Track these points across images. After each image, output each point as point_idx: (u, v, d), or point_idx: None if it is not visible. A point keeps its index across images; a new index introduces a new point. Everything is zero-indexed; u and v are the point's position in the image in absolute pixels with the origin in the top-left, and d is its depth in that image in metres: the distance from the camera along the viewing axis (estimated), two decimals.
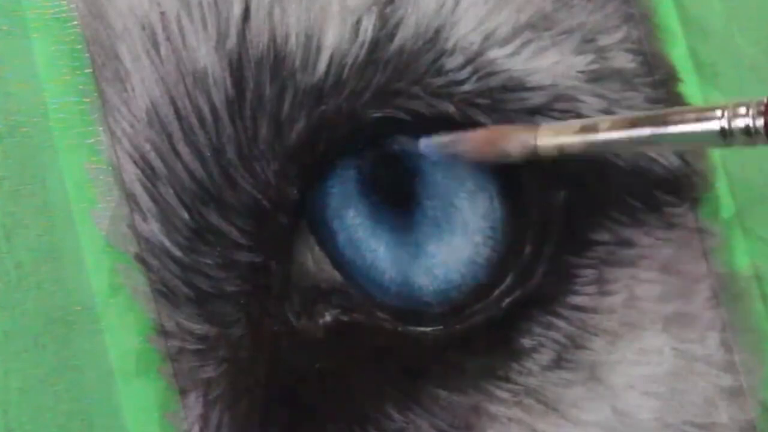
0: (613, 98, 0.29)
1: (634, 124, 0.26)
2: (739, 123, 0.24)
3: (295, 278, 0.30)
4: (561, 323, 0.30)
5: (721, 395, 0.30)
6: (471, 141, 0.28)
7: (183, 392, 0.29)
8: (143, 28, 0.28)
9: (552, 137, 0.27)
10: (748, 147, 0.24)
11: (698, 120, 0.25)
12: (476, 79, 0.29)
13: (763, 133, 0.24)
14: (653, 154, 0.30)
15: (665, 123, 0.25)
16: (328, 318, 0.30)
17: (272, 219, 0.29)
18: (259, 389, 0.29)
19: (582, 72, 0.29)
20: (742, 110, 0.24)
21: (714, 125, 0.24)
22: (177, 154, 0.28)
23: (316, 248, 0.30)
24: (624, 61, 0.30)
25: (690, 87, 0.30)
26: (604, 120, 0.26)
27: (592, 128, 0.26)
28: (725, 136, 0.24)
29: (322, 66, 0.28)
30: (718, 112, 0.24)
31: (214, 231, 0.28)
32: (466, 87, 0.29)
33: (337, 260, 0.30)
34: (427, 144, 0.29)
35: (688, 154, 0.30)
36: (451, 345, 0.30)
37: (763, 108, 0.24)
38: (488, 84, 0.29)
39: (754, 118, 0.24)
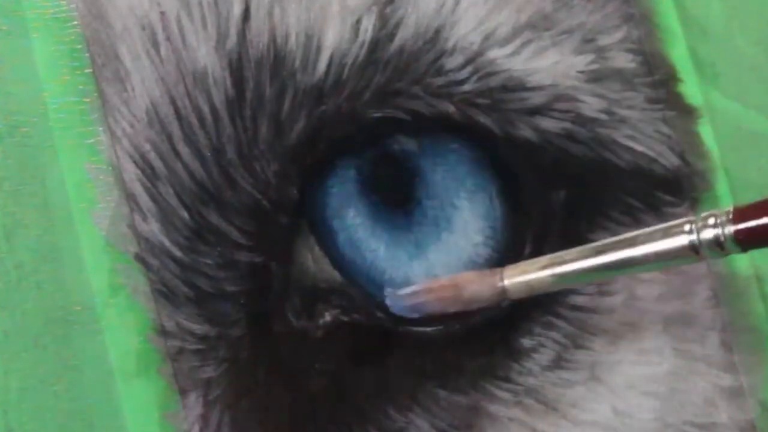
0: (613, 98, 0.29)
1: (600, 251, 0.26)
2: (708, 234, 0.24)
3: (295, 278, 0.30)
4: (561, 323, 0.30)
5: (721, 395, 0.30)
6: (437, 291, 0.28)
7: (183, 392, 0.29)
8: (143, 28, 0.28)
9: (519, 276, 0.27)
10: (720, 257, 0.24)
11: (666, 236, 0.25)
12: (476, 79, 0.29)
13: (734, 241, 0.24)
14: (652, 154, 0.30)
15: (632, 245, 0.25)
16: (328, 318, 0.30)
17: (272, 219, 0.29)
18: (259, 389, 0.29)
19: (582, 72, 0.29)
20: (711, 221, 0.24)
21: (682, 240, 0.24)
22: (177, 154, 0.28)
23: (316, 248, 0.30)
24: (624, 61, 0.30)
25: (690, 87, 0.30)
26: (570, 252, 0.26)
27: (559, 262, 0.26)
28: (696, 250, 0.24)
29: (322, 66, 0.28)
30: (686, 227, 0.24)
31: (214, 231, 0.28)
32: (466, 87, 0.29)
33: (337, 260, 0.30)
34: (392, 295, 0.29)
35: (688, 154, 0.30)
36: (451, 345, 0.30)
37: (731, 216, 0.24)
38: (488, 84, 0.29)
39: (723, 227, 0.24)
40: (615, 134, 0.29)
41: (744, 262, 0.30)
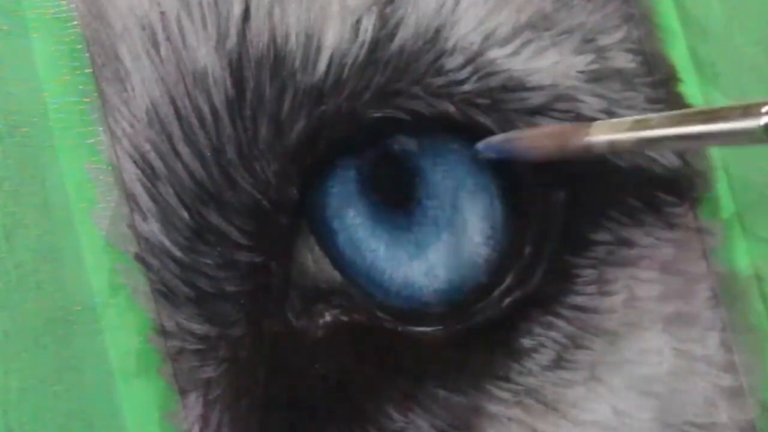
0: (613, 98, 0.29)
1: (683, 120, 0.26)
2: None
3: (295, 278, 0.30)
4: (561, 323, 0.30)
5: (721, 395, 0.30)
6: (528, 138, 0.28)
7: (183, 392, 0.29)
8: (143, 28, 0.28)
9: (605, 134, 0.27)
10: None
11: (744, 116, 0.25)
12: (476, 79, 0.29)
13: None
14: (653, 154, 0.30)
15: (711, 120, 0.25)
16: (328, 318, 0.30)
17: (272, 219, 0.29)
18: (259, 389, 0.29)
19: (582, 72, 0.29)
20: None
21: (759, 121, 0.24)
22: (177, 154, 0.28)
23: (316, 248, 0.30)
24: (624, 61, 0.30)
25: (690, 87, 0.30)
26: (654, 118, 0.26)
27: (644, 124, 0.26)
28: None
29: (322, 66, 0.28)
30: (764, 108, 0.24)
31: (214, 231, 0.28)
32: (466, 87, 0.29)
33: (337, 260, 0.30)
34: (486, 144, 0.29)
35: (689, 154, 0.30)
36: (451, 345, 0.30)
37: None
38: (488, 84, 0.29)
39: None
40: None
41: (744, 262, 0.30)
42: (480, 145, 0.29)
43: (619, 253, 0.30)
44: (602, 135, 0.27)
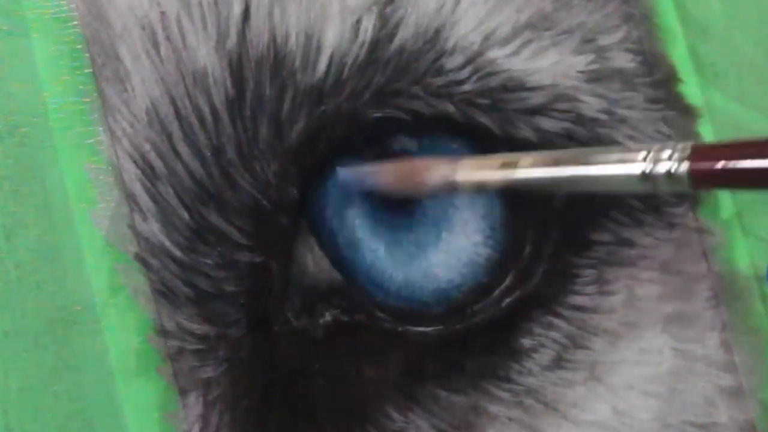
0: (613, 98, 0.29)
1: (556, 162, 0.25)
2: (661, 168, 0.23)
3: (295, 278, 0.30)
4: (561, 323, 0.30)
5: (721, 395, 0.30)
6: (390, 172, 0.28)
7: (183, 392, 0.29)
8: (143, 28, 0.28)
9: (472, 172, 0.27)
10: (668, 191, 0.24)
11: (620, 161, 0.24)
12: (476, 79, 0.29)
13: (686, 179, 0.23)
14: None
15: (586, 163, 0.25)
16: (328, 318, 0.30)
17: (272, 219, 0.29)
18: (259, 389, 0.29)
19: (582, 72, 0.29)
20: (666, 153, 0.23)
21: (635, 168, 0.24)
22: (177, 154, 0.28)
23: (316, 248, 0.30)
24: (624, 61, 0.30)
25: (690, 87, 0.30)
26: (526, 156, 0.26)
27: (512, 164, 0.26)
28: (645, 179, 0.23)
29: (322, 66, 0.28)
30: (642, 154, 0.24)
31: (214, 231, 0.28)
32: (466, 87, 0.29)
33: (337, 260, 0.30)
34: (345, 173, 0.29)
35: None
36: (451, 345, 0.30)
37: (688, 152, 0.23)
38: (488, 84, 0.29)
39: (678, 163, 0.23)
40: (615, 134, 0.29)
41: (744, 262, 0.30)
42: (340, 173, 0.29)
43: (619, 253, 0.30)
44: (470, 173, 0.27)
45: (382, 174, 0.28)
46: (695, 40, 0.30)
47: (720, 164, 0.22)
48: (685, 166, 0.23)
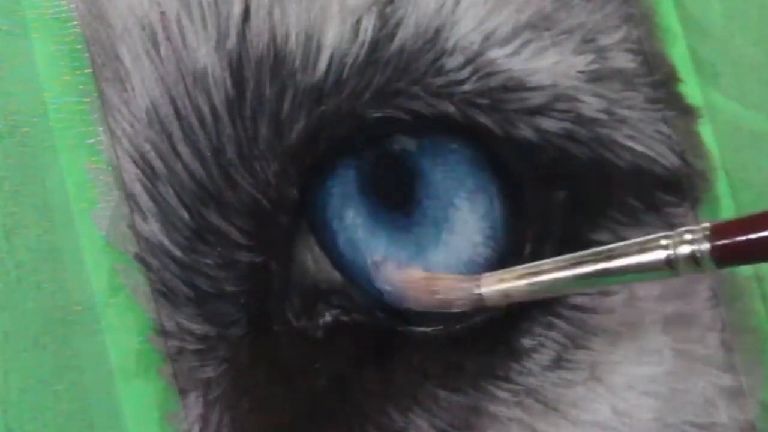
0: (613, 98, 0.29)
1: (578, 263, 0.26)
2: (685, 250, 0.24)
3: (295, 278, 0.30)
4: (561, 323, 0.30)
5: (721, 395, 0.30)
6: (414, 287, 0.29)
7: (183, 392, 0.29)
8: (143, 28, 0.28)
9: (496, 285, 0.27)
10: (697, 273, 0.24)
11: (642, 251, 0.25)
12: (476, 79, 0.29)
13: (710, 258, 0.24)
14: (652, 154, 0.30)
15: (609, 258, 0.25)
16: (328, 318, 0.30)
17: (272, 219, 0.29)
18: (259, 389, 0.29)
19: (582, 72, 0.29)
20: (688, 237, 0.24)
21: (659, 255, 0.24)
22: (177, 154, 0.28)
23: (316, 248, 0.30)
24: (624, 61, 0.30)
25: (690, 87, 0.30)
26: (547, 262, 0.27)
27: (535, 272, 0.27)
28: (672, 265, 0.24)
29: (322, 66, 0.28)
30: (663, 241, 0.24)
31: (214, 231, 0.28)
32: (466, 87, 0.29)
33: (337, 260, 0.30)
34: (378, 270, 0.29)
35: (688, 154, 0.30)
36: (451, 345, 0.30)
37: (708, 233, 0.24)
38: (488, 84, 0.29)
39: (699, 244, 0.24)
40: (615, 134, 0.29)
41: None
42: (372, 267, 0.29)
43: None
44: (494, 286, 0.27)
45: (407, 289, 0.29)
46: (695, 40, 0.30)
47: (740, 239, 0.23)
48: (706, 246, 0.24)
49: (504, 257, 0.30)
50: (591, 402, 0.29)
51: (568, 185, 0.30)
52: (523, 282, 0.27)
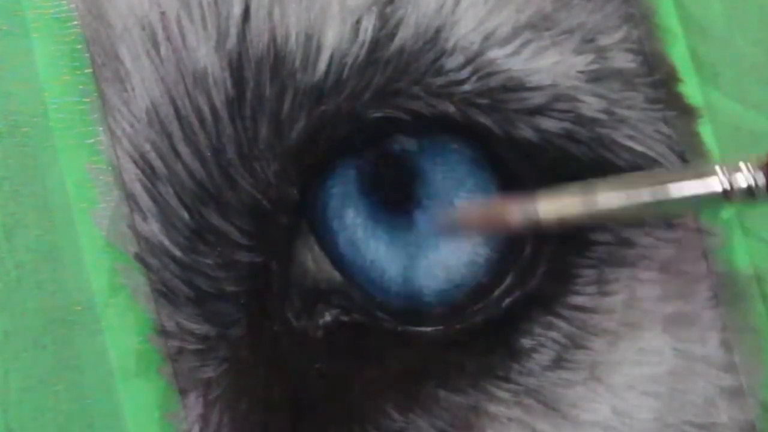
0: (613, 98, 0.29)
1: (633, 185, 0.26)
2: (740, 182, 0.25)
3: (295, 278, 0.30)
4: (561, 323, 0.30)
5: (721, 395, 0.30)
6: (470, 218, 0.29)
7: (183, 392, 0.29)
8: (143, 28, 0.28)
9: (552, 206, 0.27)
10: (750, 204, 0.25)
11: (698, 177, 0.25)
12: (476, 79, 0.29)
13: (765, 188, 0.24)
14: (652, 154, 0.30)
15: (664, 182, 0.25)
16: (328, 318, 0.30)
17: (272, 219, 0.29)
18: (259, 389, 0.29)
19: (582, 72, 0.29)
20: (742, 166, 0.25)
21: (715, 182, 0.25)
22: (177, 154, 0.28)
23: (316, 248, 0.30)
24: (624, 61, 0.30)
25: (690, 87, 0.30)
26: (603, 183, 0.27)
27: (591, 193, 0.27)
28: (726, 195, 0.25)
29: (322, 66, 0.28)
30: (718, 169, 0.25)
31: (214, 231, 0.28)
32: (466, 87, 0.29)
33: (337, 260, 0.30)
34: (427, 220, 0.30)
35: (688, 154, 0.30)
36: (451, 345, 0.30)
37: (763, 162, 0.24)
38: (488, 84, 0.29)
39: (754, 173, 0.24)
40: (615, 134, 0.29)
41: (744, 262, 0.30)
42: (420, 222, 0.30)
43: (619, 253, 0.30)
44: (550, 209, 0.27)
45: (463, 219, 0.29)
46: (695, 40, 0.30)
47: None
48: (761, 177, 0.25)
49: (504, 257, 0.30)
50: (591, 402, 0.30)
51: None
52: (578, 206, 0.27)
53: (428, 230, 0.29)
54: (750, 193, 0.24)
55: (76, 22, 0.29)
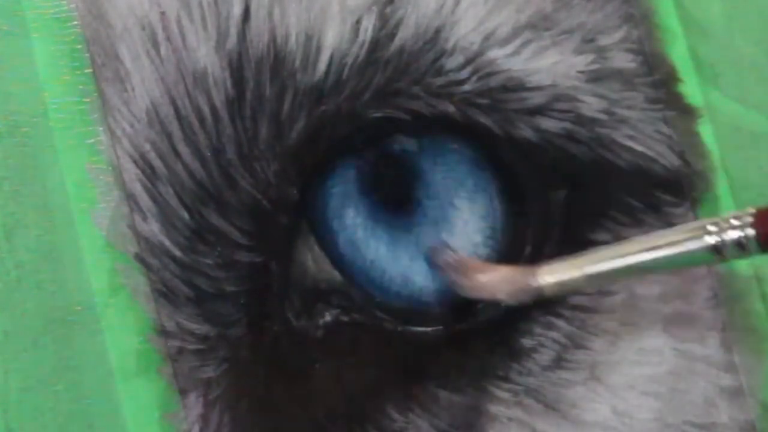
0: (613, 98, 0.29)
1: (627, 254, 0.27)
2: (732, 236, 0.25)
3: (295, 278, 0.30)
4: (561, 323, 0.30)
5: (721, 395, 0.30)
6: (469, 285, 0.29)
7: (183, 392, 0.29)
8: (143, 28, 0.28)
9: (552, 277, 0.28)
10: (743, 258, 0.25)
11: (690, 239, 0.25)
12: (476, 79, 0.29)
13: (756, 243, 0.24)
14: (652, 154, 0.30)
15: (657, 249, 0.26)
16: (328, 318, 0.30)
17: (272, 219, 0.29)
18: (259, 389, 0.29)
19: (582, 72, 0.29)
20: (734, 222, 0.25)
21: (707, 241, 0.25)
22: (177, 154, 0.28)
23: (316, 248, 0.30)
24: (624, 61, 0.30)
25: (690, 87, 0.30)
26: (599, 253, 0.27)
27: (589, 262, 0.27)
28: (719, 251, 0.25)
29: (322, 66, 0.28)
30: (710, 228, 0.25)
31: (214, 231, 0.28)
32: (466, 87, 0.29)
33: (337, 260, 0.30)
34: (436, 254, 0.30)
35: (688, 154, 0.30)
36: (451, 345, 0.30)
37: (752, 218, 0.24)
38: (488, 84, 0.29)
39: (744, 229, 0.25)
40: (615, 134, 0.29)
41: (744, 262, 0.30)
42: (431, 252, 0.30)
43: None
44: (551, 278, 0.27)
45: (464, 278, 0.29)
46: (695, 40, 0.30)
47: None
48: (751, 233, 0.25)
49: (504, 257, 0.30)
50: (591, 402, 0.30)
51: (568, 185, 0.30)
52: (578, 273, 0.27)
53: (432, 268, 0.30)
54: (741, 247, 0.25)
55: (76, 22, 0.29)
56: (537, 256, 0.30)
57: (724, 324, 0.30)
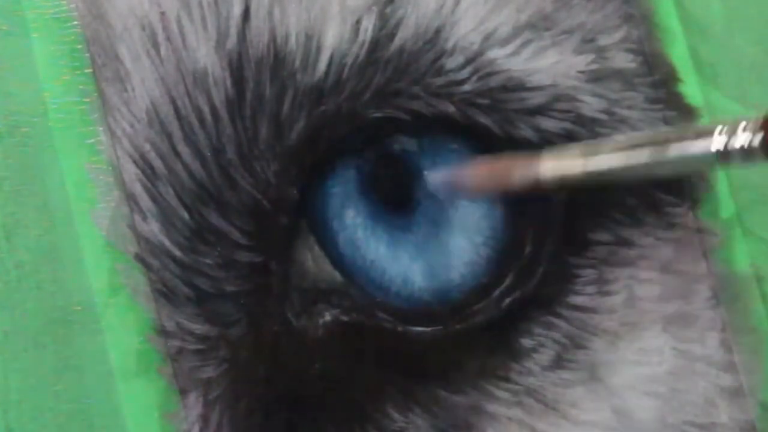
0: (613, 98, 0.29)
1: (633, 146, 0.26)
2: (737, 142, 0.24)
3: (295, 278, 0.30)
4: (561, 323, 0.30)
5: (721, 395, 0.30)
6: (474, 176, 0.29)
7: (183, 392, 0.29)
8: (143, 28, 0.28)
9: (554, 166, 0.27)
10: (746, 165, 0.24)
11: (697, 138, 0.25)
12: (476, 79, 0.29)
13: (761, 151, 0.24)
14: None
15: (664, 142, 0.25)
16: (328, 318, 0.30)
17: (272, 219, 0.29)
18: (259, 389, 0.29)
19: (582, 72, 0.29)
20: (742, 125, 0.24)
21: (714, 143, 0.24)
22: (177, 154, 0.28)
23: (316, 248, 0.30)
24: (624, 61, 0.30)
25: (690, 87, 0.30)
26: (604, 144, 0.27)
27: (592, 153, 0.26)
28: (722, 156, 0.24)
29: (322, 66, 0.28)
30: (718, 129, 0.24)
31: (214, 231, 0.28)
32: (466, 87, 0.29)
33: (337, 260, 0.30)
34: (433, 177, 0.30)
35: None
36: (451, 345, 0.30)
37: (760, 123, 0.24)
38: (488, 84, 0.29)
39: (753, 133, 0.24)
40: (615, 134, 0.29)
41: (744, 262, 0.30)
42: (429, 176, 0.30)
43: (619, 253, 0.30)
44: (552, 168, 0.27)
45: (467, 178, 0.29)
46: (695, 40, 0.30)
47: None
48: (758, 138, 0.23)
49: (504, 257, 0.30)
50: (591, 402, 0.30)
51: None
52: (579, 165, 0.27)
53: (436, 191, 0.29)
54: (746, 153, 0.24)
55: (76, 22, 0.29)
56: (537, 256, 0.30)
57: (724, 324, 0.30)
